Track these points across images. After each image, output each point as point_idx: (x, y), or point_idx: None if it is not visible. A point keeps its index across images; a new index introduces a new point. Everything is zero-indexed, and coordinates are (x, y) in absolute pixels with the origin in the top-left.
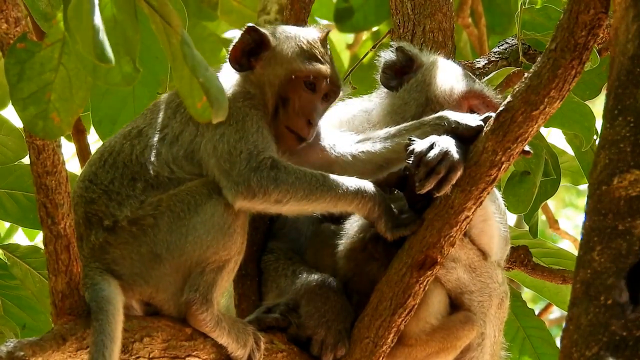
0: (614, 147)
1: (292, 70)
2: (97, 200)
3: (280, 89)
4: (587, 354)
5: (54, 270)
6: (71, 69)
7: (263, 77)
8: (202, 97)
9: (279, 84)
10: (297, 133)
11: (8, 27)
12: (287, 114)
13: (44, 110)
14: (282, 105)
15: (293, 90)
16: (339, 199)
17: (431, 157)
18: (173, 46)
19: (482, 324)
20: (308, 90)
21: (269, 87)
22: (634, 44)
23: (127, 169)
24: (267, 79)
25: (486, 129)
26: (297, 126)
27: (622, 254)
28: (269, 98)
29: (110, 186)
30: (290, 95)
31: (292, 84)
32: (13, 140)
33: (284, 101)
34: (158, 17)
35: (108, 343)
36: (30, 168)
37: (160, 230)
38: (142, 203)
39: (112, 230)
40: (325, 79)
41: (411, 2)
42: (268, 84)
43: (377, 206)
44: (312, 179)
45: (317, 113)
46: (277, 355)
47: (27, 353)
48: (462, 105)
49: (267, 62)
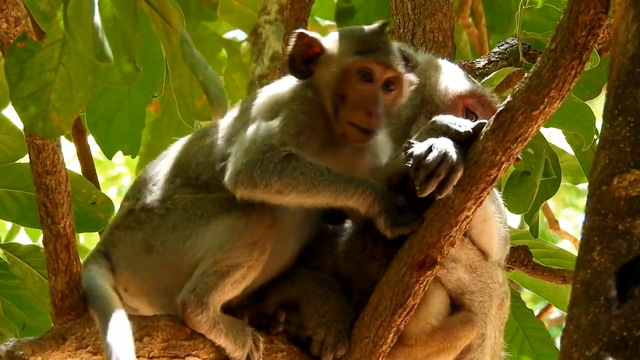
0: (614, 147)
1: (343, 66)
2: (136, 184)
3: (336, 87)
4: (587, 354)
5: (53, 269)
6: (71, 69)
7: (320, 80)
8: (201, 95)
9: (333, 82)
10: (359, 126)
11: (8, 27)
12: (347, 110)
13: (44, 110)
14: (341, 104)
15: (348, 84)
16: (339, 193)
17: (430, 159)
18: (173, 45)
19: (482, 324)
20: (363, 82)
21: (325, 88)
22: (634, 44)
23: (175, 165)
24: (323, 81)
25: (486, 129)
26: (357, 119)
27: (622, 254)
28: (327, 99)
29: (153, 176)
30: (345, 91)
31: (345, 79)
32: (13, 139)
33: (342, 98)
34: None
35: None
36: (30, 167)
37: (164, 224)
38: (168, 197)
39: (127, 213)
40: (378, 67)
41: (411, 2)
42: (325, 85)
43: (378, 202)
44: (316, 173)
45: (377, 103)
46: (277, 355)
47: (27, 352)
48: (457, 105)
49: (323, 64)
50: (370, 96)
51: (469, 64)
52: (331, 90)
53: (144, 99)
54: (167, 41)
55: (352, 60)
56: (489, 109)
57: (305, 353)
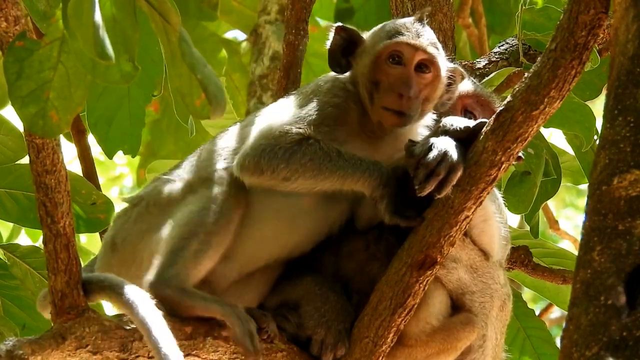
0: (614, 147)
1: (375, 53)
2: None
3: (370, 74)
4: (587, 354)
5: (53, 269)
6: (70, 67)
7: (357, 71)
8: (200, 94)
9: (367, 71)
10: (391, 108)
11: (7, 26)
12: (380, 95)
13: (43, 108)
14: (375, 90)
15: (380, 70)
16: (346, 178)
17: (430, 158)
18: (172, 44)
19: (483, 325)
20: (394, 65)
21: (362, 78)
22: (634, 44)
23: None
24: (360, 72)
25: (486, 129)
26: (389, 102)
27: (622, 254)
28: (363, 89)
29: (170, 172)
30: (378, 76)
31: (377, 65)
32: (13, 140)
33: (376, 85)
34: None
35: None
36: (30, 167)
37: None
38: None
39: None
40: (407, 48)
41: (411, 2)
42: (361, 75)
43: (382, 186)
44: (325, 158)
45: (407, 84)
46: (277, 355)
47: (26, 352)
48: (455, 105)
49: (360, 56)
50: (402, 78)
51: (469, 64)
52: (366, 79)
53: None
54: (166, 40)
55: (382, 45)
56: (488, 108)
57: (305, 353)
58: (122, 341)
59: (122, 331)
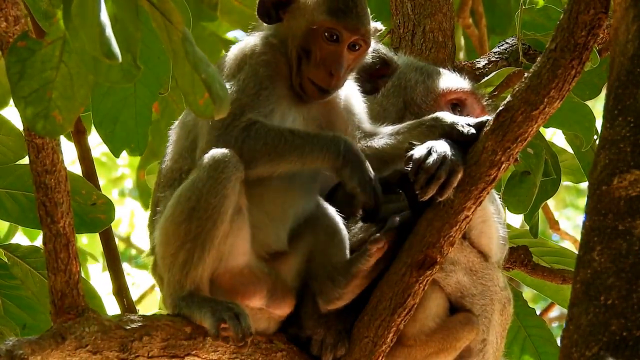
0: (614, 147)
1: (312, 22)
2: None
3: (302, 40)
4: (587, 354)
5: (53, 269)
6: (72, 67)
7: (288, 30)
8: (204, 93)
9: (300, 35)
10: (318, 85)
11: (7, 26)
12: (309, 66)
13: (45, 108)
14: (305, 57)
15: (314, 41)
16: (305, 157)
17: (430, 162)
18: (174, 43)
19: (484, 329)
20: (329, 41)
21: (291, 40)
22: (634, 44)
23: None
24: (290, 32)
25: (486, 129)
26: (317, 78)
27: (622, 254)
28: (291, 50)
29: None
30: (311, 47)
31: (312, 35)
32: (13, 140)
33: (306, 53)
34: (158, 14)
35: None
36: (30, 167)
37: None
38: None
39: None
40: (346, 28)
41: (411, 2)
42: (291, 37)
43: (342, 156)
44: (279, 140)
45: (340, 64)
46: (277, 355)
47: (26, 351)
48: (440, 103)
49: (292, 14)
50: (335, 57)
51: (469, 64)
52: (297, 43)
53: (149, 97)
54: (168, 39)
55: (322, 18)
56: (475, 102)
57: (305, 353)
58: (122, 341)
59: (122, 331)
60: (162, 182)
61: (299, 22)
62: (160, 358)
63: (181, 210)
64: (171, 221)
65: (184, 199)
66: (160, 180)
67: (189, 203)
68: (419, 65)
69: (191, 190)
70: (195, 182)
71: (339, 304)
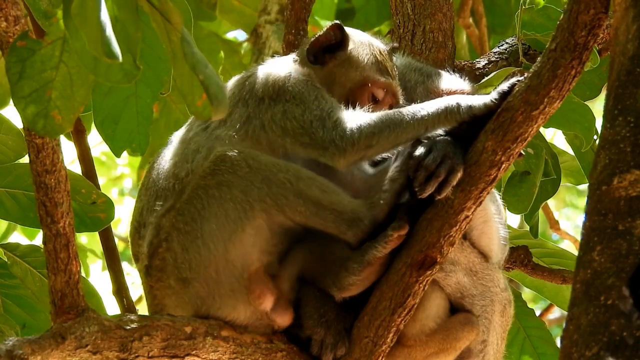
0: (614, 147)
1: (367, 78)
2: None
3: (350, 92)
4: (587, 354)
5: (53, 268)
6: (72, 67)
7: (333, 76)
8: (202, 94)
9: (350, 86)
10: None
11: (7, 26)
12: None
13: (45, 108)
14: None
15: (361, 96)
16: (426, 122)
17: (430, 160)
18: (173, 43)
19: (485, 330)
20: (373, 101)
21: (338, 87)
22: (634, 44)
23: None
24: (337, 79)
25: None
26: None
27: (622, 254)
28: (335, 93)
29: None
30: (358, 99)
31: (362, 91)
32: (13, 139)
33: (347, 103)
34: (158, 14)
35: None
36: (30, 166)
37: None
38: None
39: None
40: (391, 93)
41: (411, 2)
42: (338, 84)
43: (466, 109)
44: (385, 116)
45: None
46: (277, 355)
47: (26, 351)
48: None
49: (341, 62)
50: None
51: (469, 64)
52: (343, 92)
53: (151, 97)
54: (168, 40)
55: (377, 77)
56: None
57: (305, 353)
58: (122, 341)
59: (122, 331)
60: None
61: (350, 73)
62: (160, 358)
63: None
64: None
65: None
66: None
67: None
68: (419, 65)
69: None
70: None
71: (355, 291)
